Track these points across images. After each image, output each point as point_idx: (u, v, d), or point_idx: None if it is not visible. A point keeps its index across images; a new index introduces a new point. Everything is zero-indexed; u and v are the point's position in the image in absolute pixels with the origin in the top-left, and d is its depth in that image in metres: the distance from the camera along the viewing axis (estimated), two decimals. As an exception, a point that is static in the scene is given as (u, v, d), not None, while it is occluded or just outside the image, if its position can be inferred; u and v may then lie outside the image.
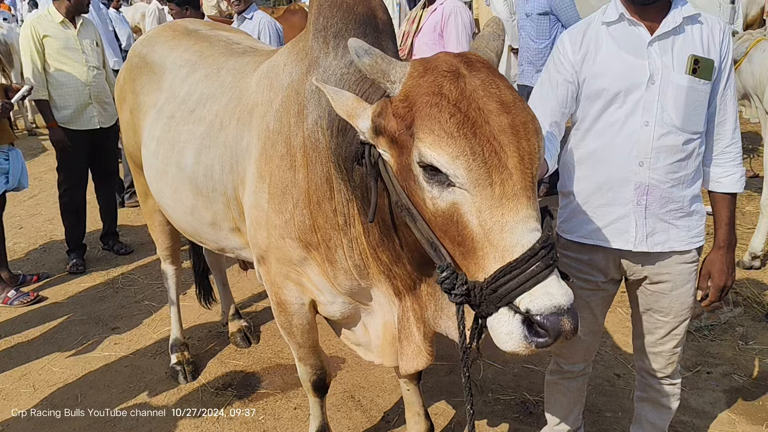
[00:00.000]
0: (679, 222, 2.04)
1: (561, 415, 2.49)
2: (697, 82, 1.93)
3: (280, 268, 2.18)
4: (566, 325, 1.32)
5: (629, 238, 2.04)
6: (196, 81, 2.60)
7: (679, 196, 2.01)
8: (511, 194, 1.38)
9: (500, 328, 1.38)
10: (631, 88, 1.95)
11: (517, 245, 1.35)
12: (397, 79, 1.52)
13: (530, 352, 1.37)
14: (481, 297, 1.39)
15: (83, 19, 4.72)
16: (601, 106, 2.01)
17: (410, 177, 1.50)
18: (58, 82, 4.54)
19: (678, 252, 2.06)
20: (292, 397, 3.18)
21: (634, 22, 1.97)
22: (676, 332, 2.18)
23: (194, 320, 3.97)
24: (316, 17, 1.99)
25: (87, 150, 4.78)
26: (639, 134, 1.96)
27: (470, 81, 1.46)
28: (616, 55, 1.98)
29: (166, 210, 2.84)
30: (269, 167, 2.07)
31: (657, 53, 1.94)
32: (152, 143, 2.70)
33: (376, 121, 1.54)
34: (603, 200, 2.06)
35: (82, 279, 4.61)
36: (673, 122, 1.94)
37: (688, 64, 1.92)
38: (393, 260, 1.85)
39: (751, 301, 3.86)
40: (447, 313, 1.82)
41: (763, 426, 2.86)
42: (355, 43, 1.53)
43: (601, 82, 1.99)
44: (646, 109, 1.95)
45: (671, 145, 1.96)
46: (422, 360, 1.99)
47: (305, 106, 1.98)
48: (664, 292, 2.12)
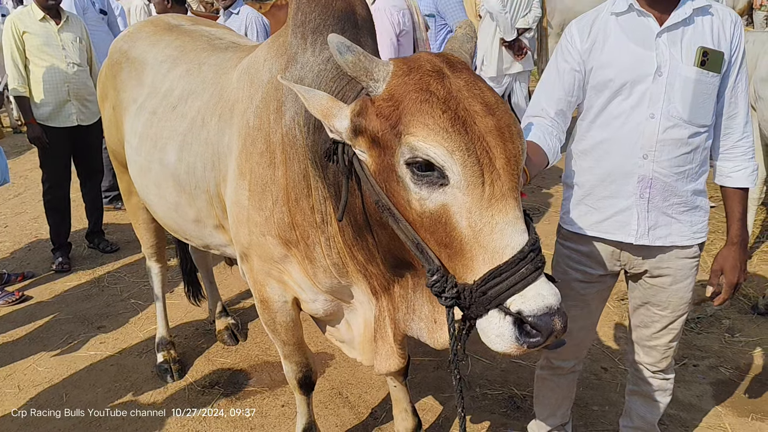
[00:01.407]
0: (682, 216, 2.02)
1: (549, 411, 2.50)
2: (706, 75, 1.90)
3: (262, 266, 2.16)
4: (557, 324, 1.33)
5: (631, 230, 2.03)
6: (178, 77, 2.57)
7: (683, 190, 1.98)
8: (500, 195, 1.37)
9: (491, 331, 1.37)
10: (638, 80, 1.92)
11: (507, 247, 1.35)
12: (380, 78, 1.49)
13: (522, 352, 1.37)
14: (471, 299, 1.38)
15: (68, 15, 4.65)
16: (607, 97, 1.98)
17: (392, 178, 1.48)
18: (37, 79, 4.48)
19: (679, 247, 2.04)
20: (279, 394, 3.17)
21: (644, 13, 1.94)
22: (673, 327, 2.17)
23: (181, 318, 3.95)
24: (295, 12, 1.96)
25: (68, 148, 4.73)
26: (644, 126, 1.94)
27: (454, 81, 1.45)
28: (624, 45, 1.95)
29: (150, 206, 2.82)
30: (249, 164, 2.05)
31: (665, 45, 1.91)
32: (135, 139, 2.68)
33: (355, 121, 1.51)
34: (606, 192, 2.04)
35: (68, 278, 4.58)
36: (680, 115, 1.92)
37: (696, 56, 1.88)
38: (368, 259, 1.83)
39: (738, 293, 3.88)
40: (419, 314, 1.79)
41: (749, 418, 2.87)
42: (336, 39, 1.49)
43: (607, 73, 1.96)
44: (652, 101, 1.92)
45: (677, 138, 1.93)
46: (394, 361, 1.98)
47: (283, 102, 1.96)
48: (664, 286, 2.11)
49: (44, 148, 4.59)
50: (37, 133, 4.50)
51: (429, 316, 1.76)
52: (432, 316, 1.75)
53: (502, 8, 6.25)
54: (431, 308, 1.75)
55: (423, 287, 1.75)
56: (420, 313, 1.79)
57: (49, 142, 4.55)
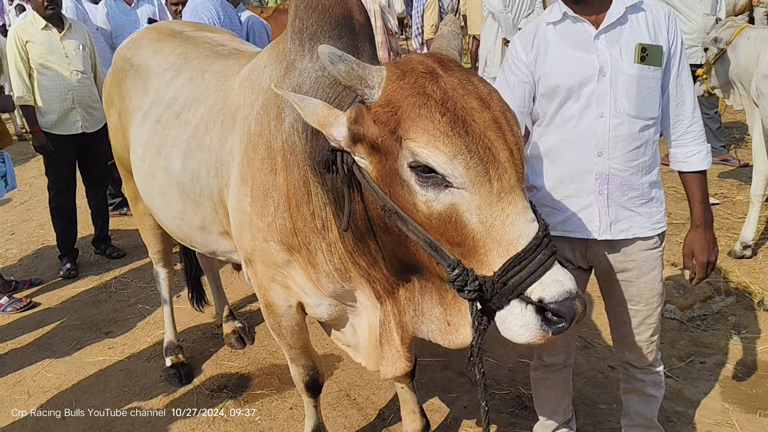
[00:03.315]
0: (641, 209, 2.08)
1: (550, 409, 2.52)
2: (648, 70, 1.97)
3: (266, 271, 2.17)
4: (579, 308, 1.36)
5: (593, 227, 2.08)
6: (181, 84, 2.59)
7: (639, 183, 2.05)
8: (508, 188, 1.40)
9: (514, 321, 1.39)
10: (584, 83, 1.99)
11: (521, 237, 1.37)
12: (375, 84, 1.49)
13: (546, 340, 1.38)
14: (493, 291, 1.39)
15: (71, 22, 4.67)
16: (557, 103, 2.05)
17: (396, 182, 1.49)
18: (42, 87, 4.50)
19: (641, 238, 2.10)
20: (287, 397, 3.18)
21: (578, 19, 2.01)
22: (650, 321, 2.21)
23: (188, 322, 3.97)
24: (293, 19, 1.97)
25: (73, 155, 4.76)
26: (595, 126, 2.00)
27: (449, 80, 1.46)
28: (565, 52, 2.02)
29: (156, 214, 2.84)
30: (251, 170, 2.06)
31: (604, 46, 1.98)
32: (139, 147, 2.69)
33: (353, 129, 1.51)
34: (566, 192, 2.10)
35: (75, 284, 4.61)
36: (627, 111, 1.98)
37: (636, 53, 1.95)
38: (370, 264, 1.85)
39: (744, 290, 3.87)
40: (428, 317, 1.80)
41: (756, 414, 2.87)
42: (327, 49, 1.49)
43: (554, 80, 2.02)
44: (599, 101, 1.99)
45: (627, 133, 1.99)
46: (401, 365, 1.98)
47: (282, 109, 1.97)
48: (631, 280, 2.16)
49: (49, 156, 4.62)
50: (42, 141, 4.52)
51: (441, 318, 1.76)
52: (444, 318, 1.75)
53: (504, 8, 6.29)
54: (442, 310, 1.75)
55: (431, 289, 1.76)
56: (430, 316, 1.80)
57: (54, 149, 4.58)
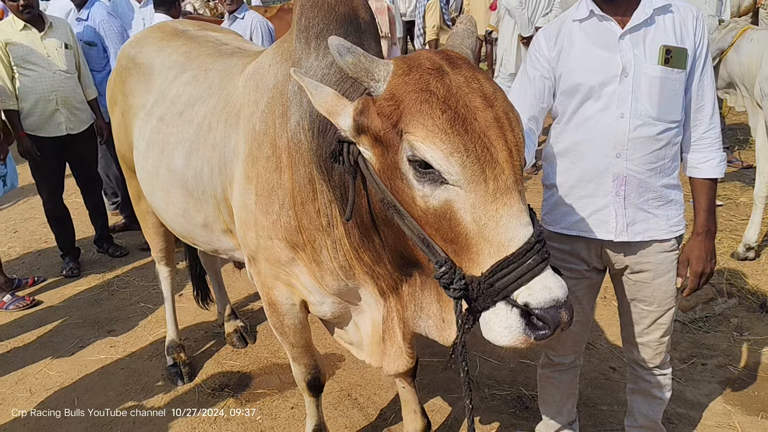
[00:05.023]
0: (658, 211, 2.06)
1: (555, 409, 2.51)
2: (671, 72, 1.95)
3: (270, 269, 2.18)
4: (564, 317, 1.35)
5: (610, 228, 2.07)
6: (185, 83, 2.60)
7: (657, 186, 2.04)
8: (504, 189, 1.39)
9: (498, 323, 1.38)
10: (605, 82, 1.98)
11: (513, 240, 1.36)
12: (381, 78, 1.50)
13: (529, 345, 1.37)
14: (479, 291, 1.39)
15: (52, 21, 4.49)
16: (578, 101, 2.04)
17: (396, 175, 1.50)
18: (25, 88, 4.35)
19: (658, 241, 2.09)
20: (289, 396, 3.19)
21: (605, 17, 2.00)
22: (662, 321, 2.20)
23: (190, 321, 3.97)
24: (299, 17, 1.98)
25: (60, 157, 4.63)
26: (615, 126, 1.99)
27: (454, 78, 1.46)
28: (589, 50, 2.01)
29: (158, 212, 2.84)
30: (256, 168, 2.07)
31: (629, 46, 1.97)
32: (142, 145, 2.70)
33: (358, 120, 1.53)
34: (584, 192, 2.09)
35: (78, 282, 4.61)
36: (648, 113, 1.97)
37: (660, 55, 1.94)
38: (374, 260, 1.85)
39: (746, 292, 3.87)
40: (427, 312, 1.81)
41: (758, 416, 2.87)
42: (336, 41, 1.50)
43: (576, 78, 2.02)
44: (620, 102, 1.98)
45: (647, 135, 1.98)
46: (403, 361, 1.99)
47: (288, 107, 1.97)
48: (646, 281, 2.15)
49: (35, 159, 4.47)
50: (27, 146, 4.37)
51: (437, 314, 1.77)
52: (440, 315, 1.76)
53: (519, 4, 6.30)
54: (439, 307, 1.76)
55: (430, 285, 1.77)
56: (428, 311, 1.81)
57: (39, 153, 4.43)
